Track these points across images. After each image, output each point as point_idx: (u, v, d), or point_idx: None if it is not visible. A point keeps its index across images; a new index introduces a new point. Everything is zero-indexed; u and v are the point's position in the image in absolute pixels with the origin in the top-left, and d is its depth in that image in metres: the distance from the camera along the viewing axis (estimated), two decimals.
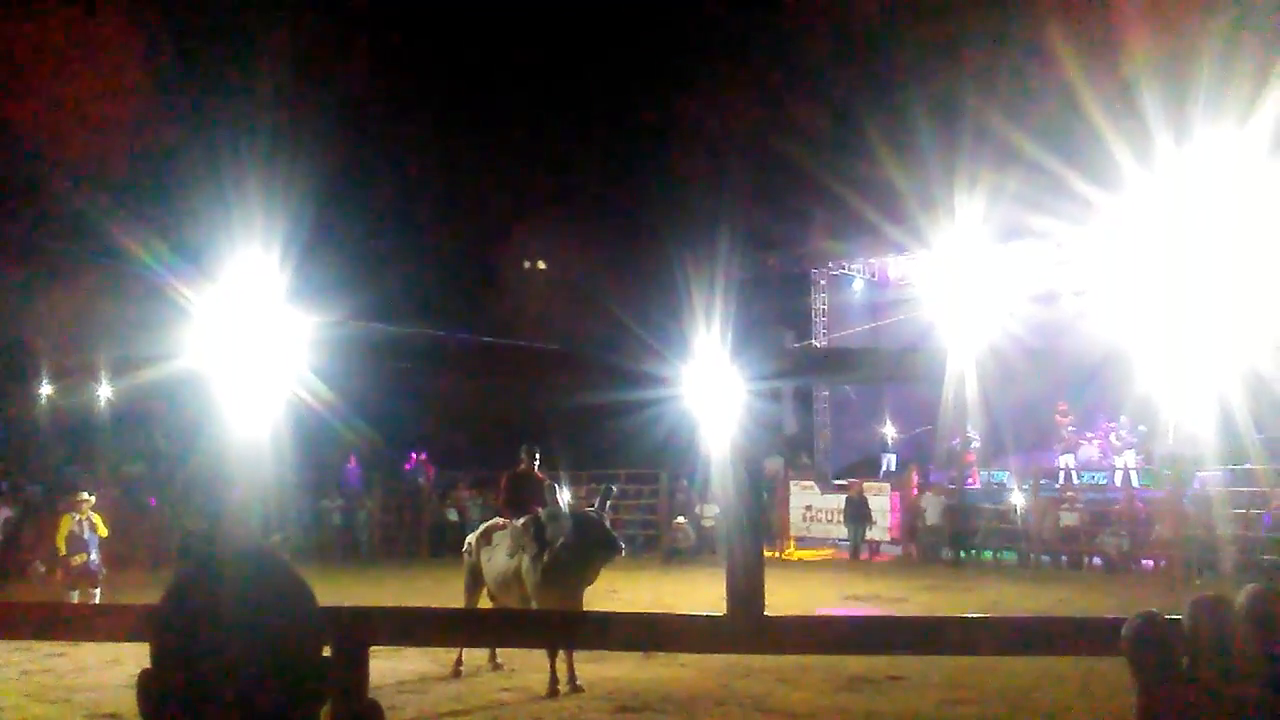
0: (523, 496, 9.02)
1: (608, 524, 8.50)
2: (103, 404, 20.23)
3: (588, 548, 8.23)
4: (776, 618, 2.14)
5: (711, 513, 18.94)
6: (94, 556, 11.56)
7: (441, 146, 24.46)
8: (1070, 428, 19.88)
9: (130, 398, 19.58)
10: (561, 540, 8.22)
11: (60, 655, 9.44)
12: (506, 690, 8.37)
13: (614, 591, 12.44)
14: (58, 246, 17.39)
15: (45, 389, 20.32)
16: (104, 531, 11.81)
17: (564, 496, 9.09)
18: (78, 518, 11.58)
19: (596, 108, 26.96)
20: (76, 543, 11.49)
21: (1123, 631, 0.67)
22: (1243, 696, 0.61)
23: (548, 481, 8.88)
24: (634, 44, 25.77)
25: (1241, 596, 0.68)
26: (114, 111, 16.93)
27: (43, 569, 15.98)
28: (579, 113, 27.17)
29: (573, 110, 27.26)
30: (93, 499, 12.12)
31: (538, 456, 9.55)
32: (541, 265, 26.71)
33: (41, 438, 20.29)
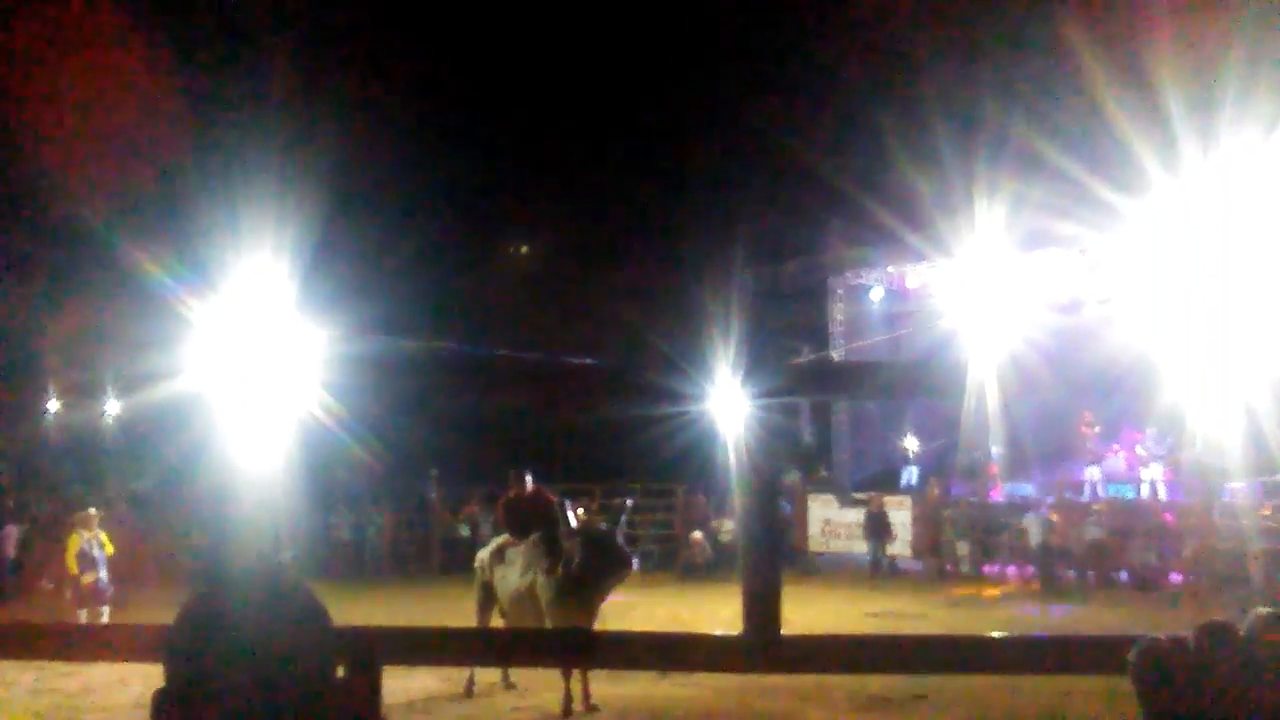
0: (521, 520, 8.94)
1: (619, 539, 8.39)
2: (111, 421, 20.20)
3: (598, 565, 8.12)
4: (792, 637, 1.98)
5: (729, 528, 18.74)
6: (103, 575, 11.45)
7: (450, 158, 24.47)
8: (1096, 439, 19.60)
9: (139, 414, 19.55)
10: (575, 559, 8.12)
11: (69, 675, 9.37)
12: (519, 709, 8.27)
13: (630, 607, 12.28)
14: (65, 261, 17.42)
15: (53, 405, 20.31)
16: (110, 549, 11.71)
17: (573, 514, 8.99)
18: (86, 536, 11.47)
19: (610, 115, 26.90)
20: (87, 561, 11.38)
21: (1128, 657, 0.57)
22: None
23: (557, 499, 8.80)
24: (649, 49, 25.70)
25: (1248, 621, 0.58)
26: (121, 125, 16.97)
27: (50, 587, 15.91)
28: (593, 120, 27.12)
29: (586, 118, 27.22)
30: (100, 515, 12.04)
31: (528, 478, 9.46)
32: (544, 270, 26.59)
33: (49, 455, 20.27)
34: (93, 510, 11.94)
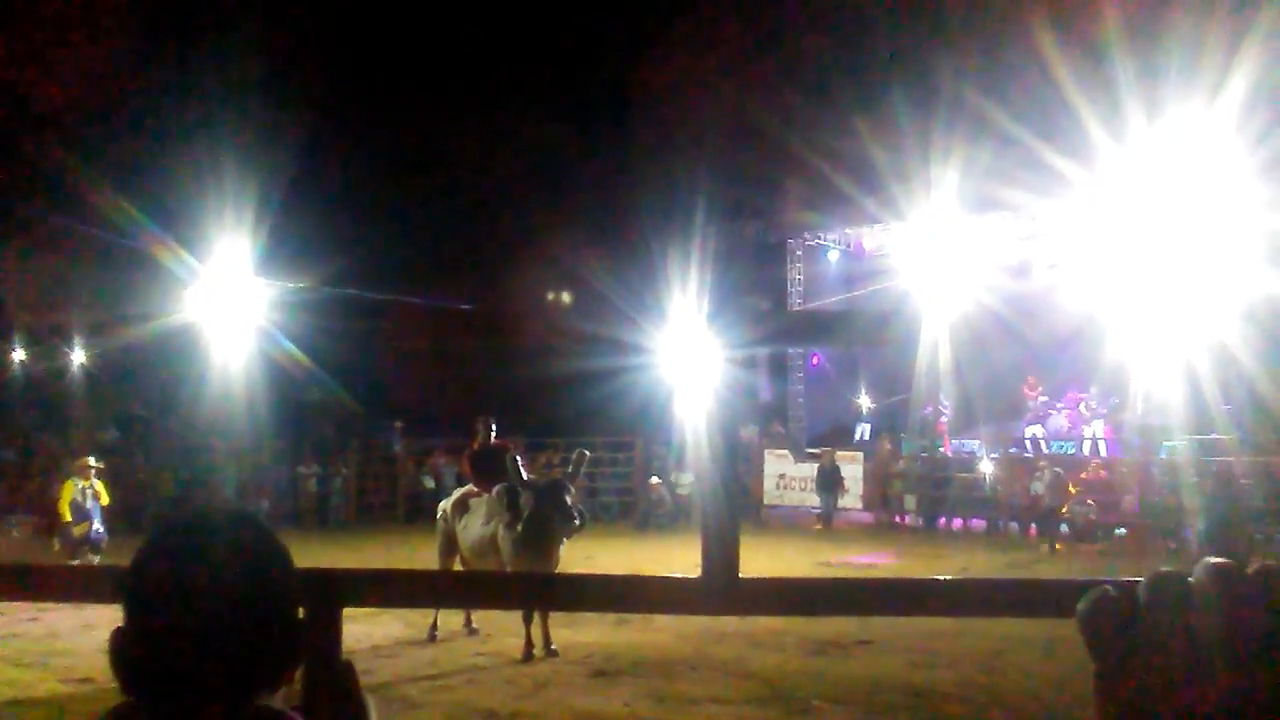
0: (488, 469, 9.01)
1: (571, 493, 8.45)
2: (76, 369, 20.02)
3: (547, 519, 8.26)
4: (750, 579, 2.18)
5: (687, 480, 19.03)
6: (98, 525, 11.34)
7: (411, 117, 24.21)
8: (1040, 399, 20.11)
9: (104, 362, 19.40)
10: (528, 511, 8.25)
11: (33, 620, 9.41)
12: (481, 654, 8.43)
13: (589, 558, 12.51)
14: (30, 209, 17.15)
15: (18, 353, 20.13)
16: (106, 499, 11.59)
17: (523, 467, 9.03)
18: (81, 485, 11.30)
19: (568, 74, 26.76)
20: (80, 511, 11.26)
21: (1077, 608, 0.68)
22: (1202, 675, 0.64)
23: (511, 452, 8.86)
24: (606, 8, 25.53)
25: (1198, 571, 0.70)
26: (90, 73, 16.66)
27: (15, 533, 15.86)
28: (550, 79, 26.96)
29: (544, 76, 27.02)
30: (100, 465, 11.81)
31: (494, 427, 9.53)
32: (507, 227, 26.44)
33: (14, 402, 20.05)
34: (91, 459, 11.72)
